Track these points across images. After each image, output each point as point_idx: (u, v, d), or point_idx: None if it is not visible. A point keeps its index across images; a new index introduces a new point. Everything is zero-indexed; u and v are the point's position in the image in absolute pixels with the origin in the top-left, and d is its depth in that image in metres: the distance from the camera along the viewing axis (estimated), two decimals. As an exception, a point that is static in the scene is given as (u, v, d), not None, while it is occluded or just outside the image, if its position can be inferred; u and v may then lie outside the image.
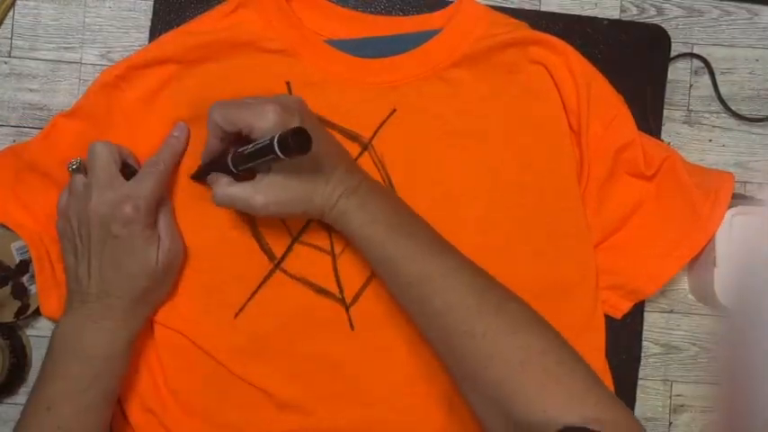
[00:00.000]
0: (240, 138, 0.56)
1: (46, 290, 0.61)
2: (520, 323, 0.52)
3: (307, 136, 0.50)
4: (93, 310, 0.57)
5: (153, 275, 0.58)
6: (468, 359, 0.52)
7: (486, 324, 0.52)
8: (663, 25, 0.68)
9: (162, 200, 0.60)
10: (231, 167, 0.57)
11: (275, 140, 0.50)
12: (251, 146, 0.54)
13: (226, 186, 0.57)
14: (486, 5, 0.66)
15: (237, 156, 0.56)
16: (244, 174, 0.57)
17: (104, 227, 0.57)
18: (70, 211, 0.58)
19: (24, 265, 0.61)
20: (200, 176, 0.62)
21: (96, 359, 0.56)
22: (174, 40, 0.63)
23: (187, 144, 0.63)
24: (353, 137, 0.64)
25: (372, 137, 0.64)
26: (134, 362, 0.61)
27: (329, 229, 0.63)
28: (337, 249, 0.63)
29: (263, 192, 0.56)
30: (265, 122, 0.54)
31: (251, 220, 0.63)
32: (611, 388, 0.64)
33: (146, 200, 0.57)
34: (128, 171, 0.59)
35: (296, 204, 0.57)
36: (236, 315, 0.62)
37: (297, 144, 0.50)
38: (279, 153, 0.50)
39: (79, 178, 0.59)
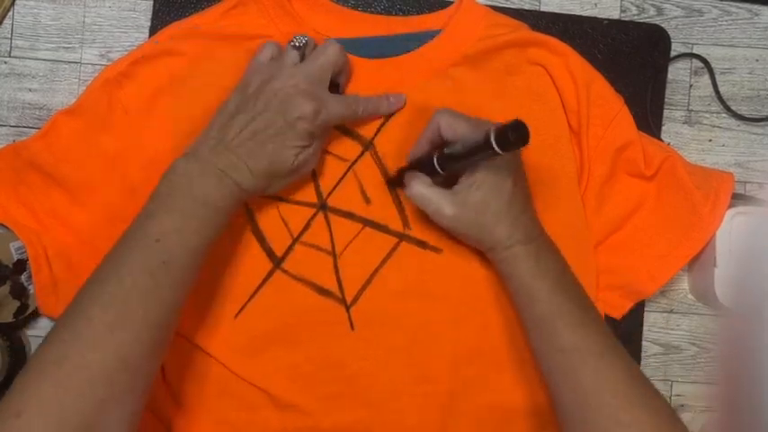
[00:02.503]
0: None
1: (43, 288, 0.61)
2: (664, 421, 0.52)
3: (525, 129, 0.50)
4: (220, 160, 0.55)
5: (282, 168, 0.57)
6: None
7: (633, 416, 0.52)
8: (663, 25, 0.68)
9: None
10: (437, 167, 0.57)
11: (492, 133, 0.50)
12: (460, 144, 0.54)
13: (424, 185, 0.58)
14: (487, 6, 0.66)
15: (445, 156, 0.56)
16: (446, 176, 0.57)
17: (283, 108, 0.56)
18: (267, 70, 0.58)
19: (21, 265, 0.61)
20: (401, 176, 0.61)
21: (207, 206, 0.54)
22: (176, 34, 0.63)
23: (391, 113, 0.63)
24: (355, 136, 0.64)
25: (374, 136, 0.64)
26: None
27: (330, 228, 0.63)
28: (338, 249, 0.63)
29: (457, 205, 0.57)
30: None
31: (252, 220, 0.63)
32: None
33: (330, 117, 0.58)
34: (332, 85, 0.60)
35: (478, 229, 0.57)
36: (237, 315, 0.62)
37: (516, 136, 0.49)
38: (495, 147, 0.50)
39: (294, 55, 0.59)
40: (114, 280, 0.50)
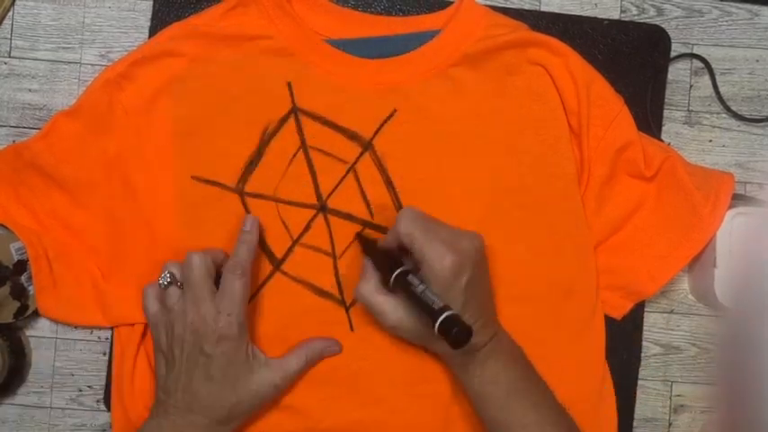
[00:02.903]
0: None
1: (43, 289, 0.61)
2: None
3: (468, 335, 0.50)
4: (175, 425, 0.56)
5: (244, 399, 0.57)
6: None
7: None
8: (663, 25, 0.68)
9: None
10: (390, 280, 0.56)
11: (438, 323, 0.51)
12: (420, 290, 0.54)
13: (372, 291, 0.57)
14: (487, 6, 0.66)
15: (403, 281, 0.55)
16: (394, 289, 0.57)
17: (197, 345, 0.56)
18: (162, 325, 0.58)
19: (21, 265, 0.61)
20: (365, 248, 0.61)
21: None
22: (176, 34, 0.63)
23: (258, 236, 0.61)
24: (354, 137, 0.64)
25: (373, 137, 0.64)
26: (135, 362, 0.61)
27: (330, 230, 0.63)
28: (338, 251, 0.63)
29: (400, 317, 0.57)
30: (439, 269, 0.54)
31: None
32: (611, 388, 0.64)
33: (237, 314, 0.57)
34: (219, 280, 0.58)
35: (423, 340, 0.59)
36: (237, 316, 0.62)
37: (456, 337, 0.50)
38: (436, 331, 0.51)
39: (173, 291, 0.58)
40: None
